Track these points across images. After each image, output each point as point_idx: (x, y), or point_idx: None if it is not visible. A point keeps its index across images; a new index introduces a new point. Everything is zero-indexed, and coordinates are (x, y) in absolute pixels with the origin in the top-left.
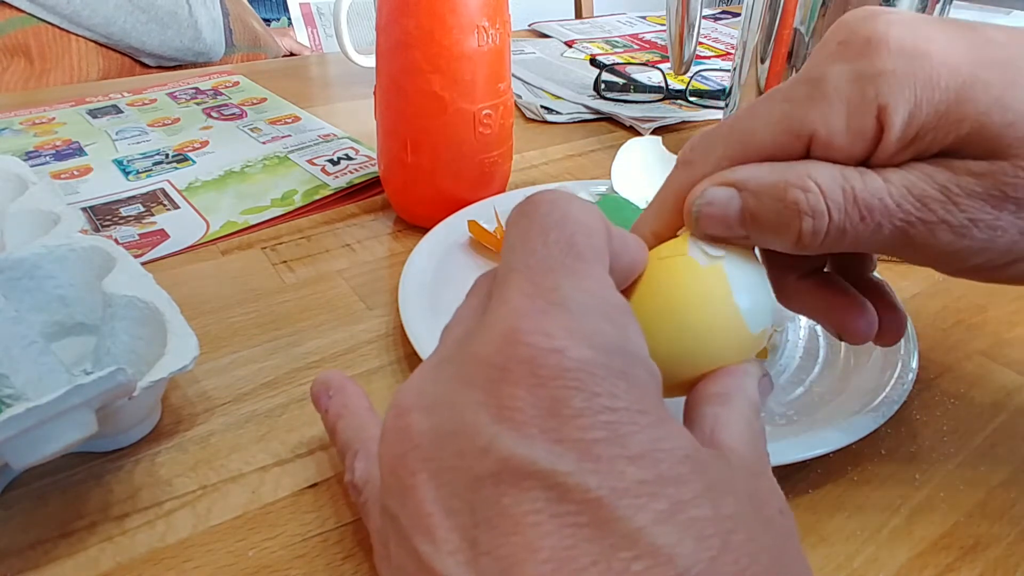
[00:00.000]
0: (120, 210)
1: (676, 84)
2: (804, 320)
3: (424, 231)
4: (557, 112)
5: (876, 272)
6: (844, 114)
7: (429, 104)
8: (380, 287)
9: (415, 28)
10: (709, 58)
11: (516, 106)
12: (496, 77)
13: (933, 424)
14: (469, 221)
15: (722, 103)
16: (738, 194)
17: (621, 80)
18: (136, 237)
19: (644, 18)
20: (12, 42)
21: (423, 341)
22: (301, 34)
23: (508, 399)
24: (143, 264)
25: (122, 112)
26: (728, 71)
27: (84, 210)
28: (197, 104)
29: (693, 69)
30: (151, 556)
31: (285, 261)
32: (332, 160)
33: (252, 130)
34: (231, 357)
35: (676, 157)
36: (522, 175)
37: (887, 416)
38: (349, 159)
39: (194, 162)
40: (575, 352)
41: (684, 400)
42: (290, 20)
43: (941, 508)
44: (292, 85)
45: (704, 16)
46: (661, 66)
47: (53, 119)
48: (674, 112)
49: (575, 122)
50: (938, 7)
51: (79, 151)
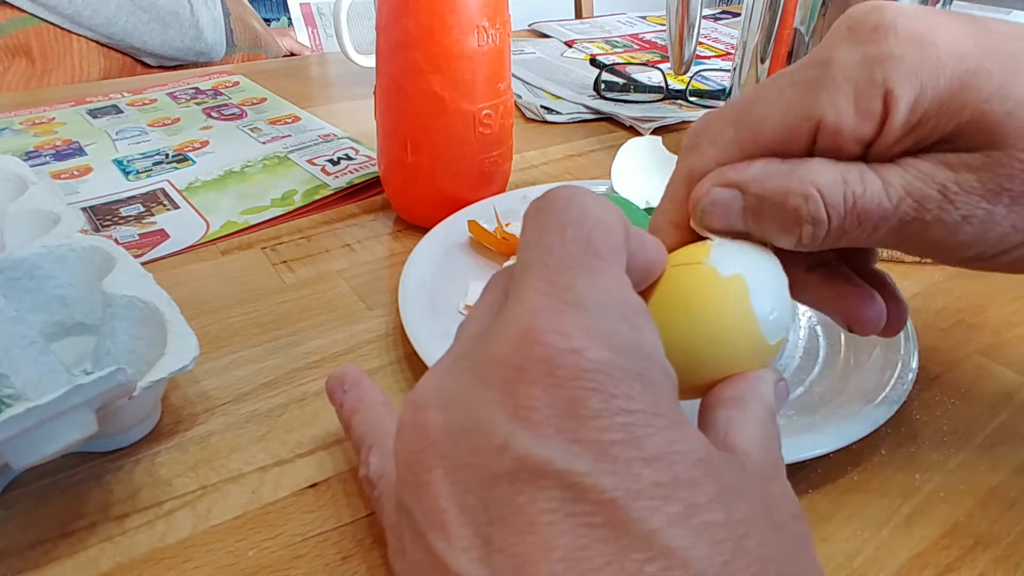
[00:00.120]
0: (120, 210)
1: (676, 84)
2: (804, 320)
3: (424, 231)
4: (557, 112)
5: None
6: (852, 97)
7: (429, 104)
8: (380, 287)
9: (415, 28)
10: (709, 58)
11: (516, 106)
12: (496, 77)
13: (933, 424)
14: (469, 221)
15: (722, 103)
16: (741, 196)
17: (621, 80)
18: (136, 237)
19: (644, 18)
20: (13, 42)
21: (423, 341)
22: (301, 34)
23: (524, 399)
24: (143, 264)
25: (122, 112)
26: (728, 71)
27: (84, 210)
28: (197, 104)
29: (693, 69)
30: (151, 556)
31: (285, 261)
32: (332, 160)
33: (252, 130)
34: (231, 357)
35: (676, 157)
36: (522, 175)
37: (887, 416)
38: (349, 159)
39: (194, 162)
40: (593, 353)
41: (698, 402)
42: (290, 20)
43: (941, 508)
44: (292, 85)
45: (704, 16)
46: (661, 66)
47: (53, 119)
48: (674, 112)
49: (575, 122)
50: (938, 6)
51: (79, 151)
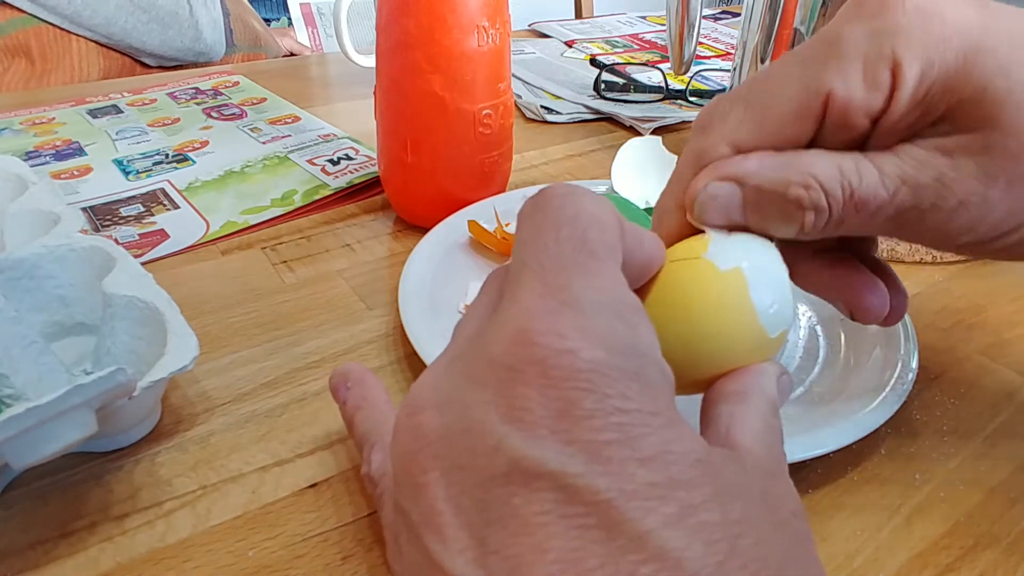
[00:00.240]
0: (120, 210)
1: (676, 84)
2: (804, 320)
3: (424, 231)
4: (557, 112)
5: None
6: (861, 69)
7: (429, 104)
8: (380, 287)
9: (415, 28)
10: (709, 58)
11: (516, 106)
12: (496, 77)
13: (933, 424)
14: (469, 221)
15: None
16: (739, 189)
17: (621, 80)
18: (136, 237)
19: (644, 18)
20: (13, 42)
21: (423, 341)
22: (301, 34)
23: (519, 399)
24: (143, 264)
25: (122, 112)
26: (728, 71)
27: (84, 210)
28: (197, 104)
29: (693, 69)
30: (151, 556)
31: (285, 261)
32: (332, 160)
33: (252, 130)
34: (231, 357)
35: (676, 157)
36: (522, 175)
37: (887, 416)
38: (349, 159)
39: (194, 162)
40: (587, 353)
41: (699, 398)
42: (290, 20)
43: (941, 508)
44: (292, 85)
45: (704, 16)
46: (661, 66)
47: (53, 119)
48: (674, 112)
49: (575, 122)
50: None
51: (79, 151)
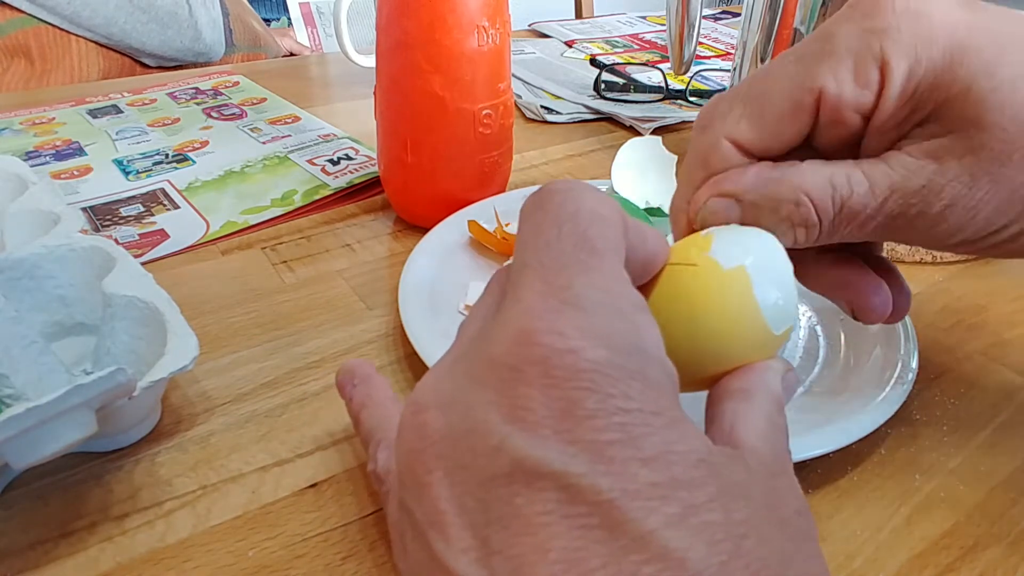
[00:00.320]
0: (120, 210)
1: (676, 84)
2: (804, 320)
3: (424, 231)
4: (557, 112)
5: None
6: (851, 67)
7: (429, 104)
8: (380, 287)
9: (415, 28)
10: (709, 58)
11: (516, 106)
12: (496, 77)
13: (933, 424)
14: (469, 221)
15: None
16: (737, 205)
17: (621, 80)
18: (136, 237)
19: (644, 18)
20: (12, 43)
21: (423, 341)
22: (301, 34)
23: (521, 399)
24: (143, 264)
25: (122, 112)
26: (728, 71)
27: (84, 210)
28: (197, 104)
29: (693, 69)
30: (151, 556)
31: (285, 261)
32: (332, 160)
33: (252, 130)
34: (231, 357)
35: (676, 157)
36: (522, 175)
37: (887, 416)
38: (349, 159)
39: (194, 162)
40: (590, 353)
41: (701, 395)
42: (290, 20)
43: (941, 508)
44: (292, 85)
45: (704, 16)
46: (661, 66)
47: (53, 119)
48: (674, 112)
49: (575, 122)
50: None
51: (79, 151)
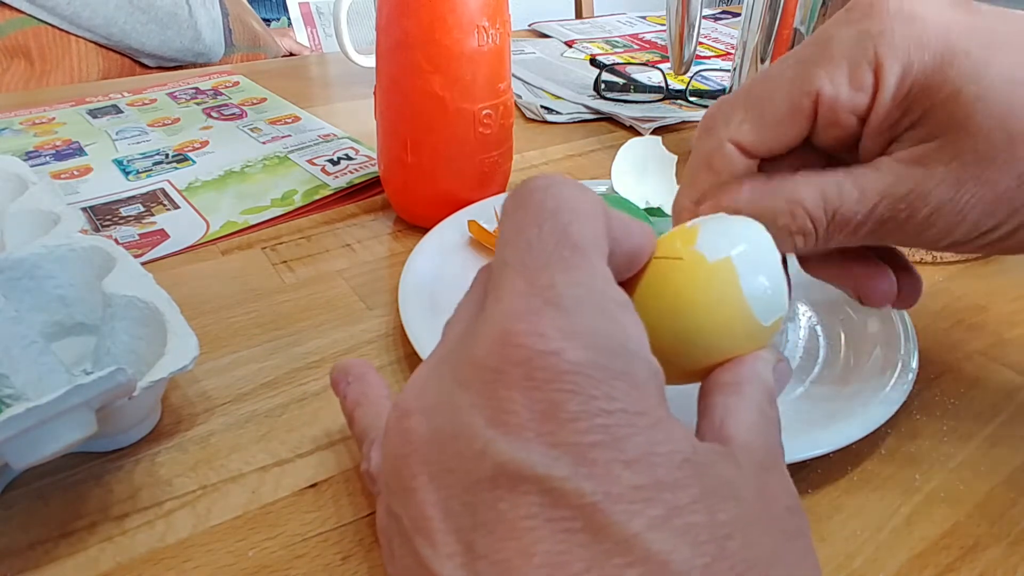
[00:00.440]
0: (120, 210)
1: (676, 84)
2: (804, 320)
3: (424, 231)
4: (557, 112)
5: None
6: (846, 71)
7: (429, 104)
8: (380, 287)
9: (415, 28)
10: (709, 58)
11: (516, 106)
12: (496, 77)
13: (933, 424)
14: (469, 221)
15: None
16: None
17: (621, 80)
18: (136, 237)
19: (644, 18)
20: (12, 43)
21: (423, 341)
22: (301, 34)
23: (503, 402)
24: (143, 264)
25: (122, 112)
26: (728, 71)
27: (84, 210)
28: (197, 104)
29: (693, 69)
30: (151, 556)
31: (285, 261)
32: (332, 160)
33: (252, 130)
34: (231, 357)
35: (676, 157)
36: (522, 175)
37: (887, 416)
38: (349, 159)
39: (194, 162)
40: (571, 354)
41: (692, 390)
42: (290, 20)
43: (941, 508)
44: (292, 85)
45: (704, 16)
46: (661, 66)
47: (53, 119)
48: (674, 112)
49: (575, 122)
50: None
51: (79, 151)
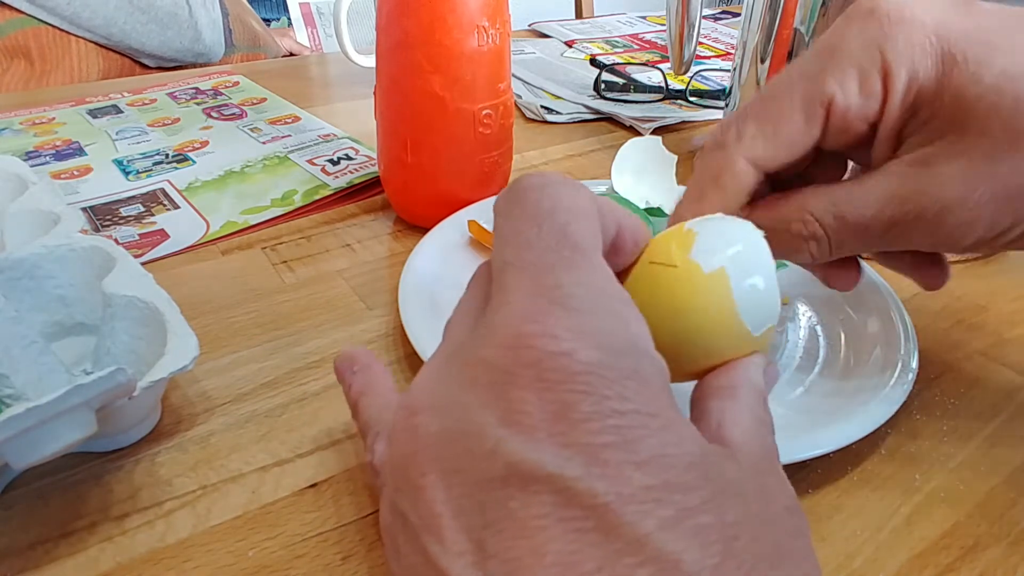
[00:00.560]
0: (120, 210)
1: (676, 84)
2: (804, 320)
3: (424, 231)
4: (557, 112)
5: (877, 273)
6: (856, 78)
7: (429, 104)
8: (380, 287)
9: (415, 28)
10: (709, 58)
11: (516, 106)
12: (496, 77)
13: (933, 424)
14: (469, 221)
15: (722, 103)
16: None
17: (621, 80)
18: (136, 237)
19: (644, 18)
20: (12, 43)
21: (423, 341)
22: (301, 34)
23: (516, 403)
24: (143, 264)
25: (122, 112)
26: (728, 71)
27: (84, 210)
28: (197, 104)
29: (693, 69)
30: (151, 556)
31: (285, 261)
32: (332, 160)
33: (252, 130)
34: (231, 357)
35: (676, 157)
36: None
37: (887, 416)
38: (349, 159)
39: (194, 162)
40: (583, 355)
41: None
42: (290, 20)
43: (941, 508)
44: (292, 85)
45: (704, 16)
46: (661, 66)
47: (53, 119)
48: (674, 112)
49: (575, 122)
50: None
51: (79, 151)
